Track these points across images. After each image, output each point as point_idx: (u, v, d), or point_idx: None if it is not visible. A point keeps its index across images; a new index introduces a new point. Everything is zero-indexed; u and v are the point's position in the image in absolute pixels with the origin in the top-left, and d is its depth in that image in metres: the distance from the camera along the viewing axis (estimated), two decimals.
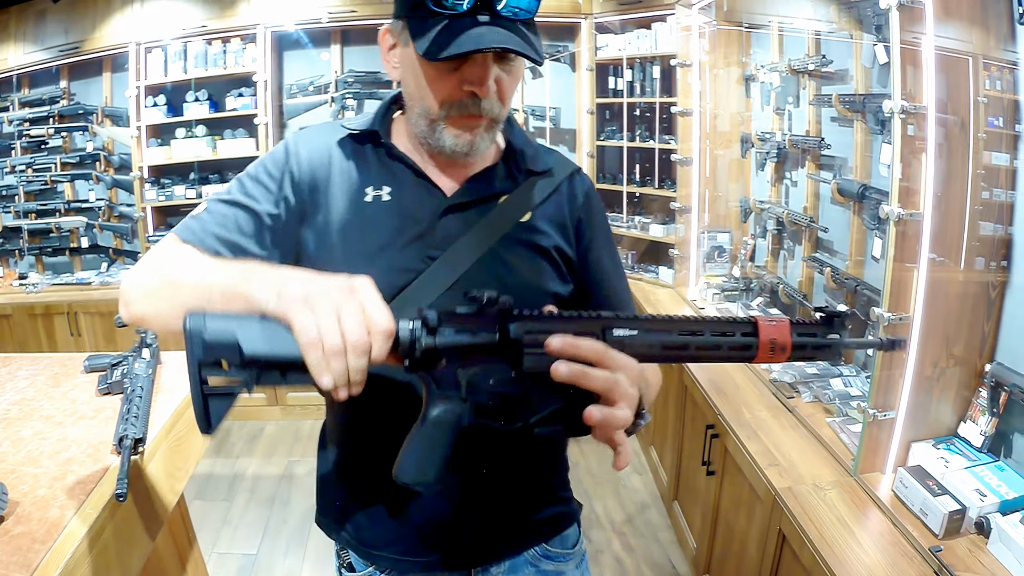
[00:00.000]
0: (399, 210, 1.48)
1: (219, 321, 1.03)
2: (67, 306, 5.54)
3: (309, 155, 1.51)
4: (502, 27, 1.28)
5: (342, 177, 1.50)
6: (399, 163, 1.51)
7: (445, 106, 1.37)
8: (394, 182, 1.50)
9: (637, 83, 5.52)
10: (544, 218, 1.56)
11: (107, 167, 5.88)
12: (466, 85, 1.34)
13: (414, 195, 1.49)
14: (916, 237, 2.34)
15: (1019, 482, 2.27)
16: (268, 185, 1.49)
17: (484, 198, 1.52)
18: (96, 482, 1.72)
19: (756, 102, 4.47)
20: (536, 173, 1.58)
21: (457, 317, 1.11)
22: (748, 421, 3.09)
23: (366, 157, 1.53)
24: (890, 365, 2.45)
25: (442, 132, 1.41)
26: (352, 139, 1.54)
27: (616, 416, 1.09)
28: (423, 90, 1.38)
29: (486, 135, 1.43)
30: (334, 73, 5.81)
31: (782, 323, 1.16)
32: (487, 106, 1.37)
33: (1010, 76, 2.32)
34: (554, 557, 1.73)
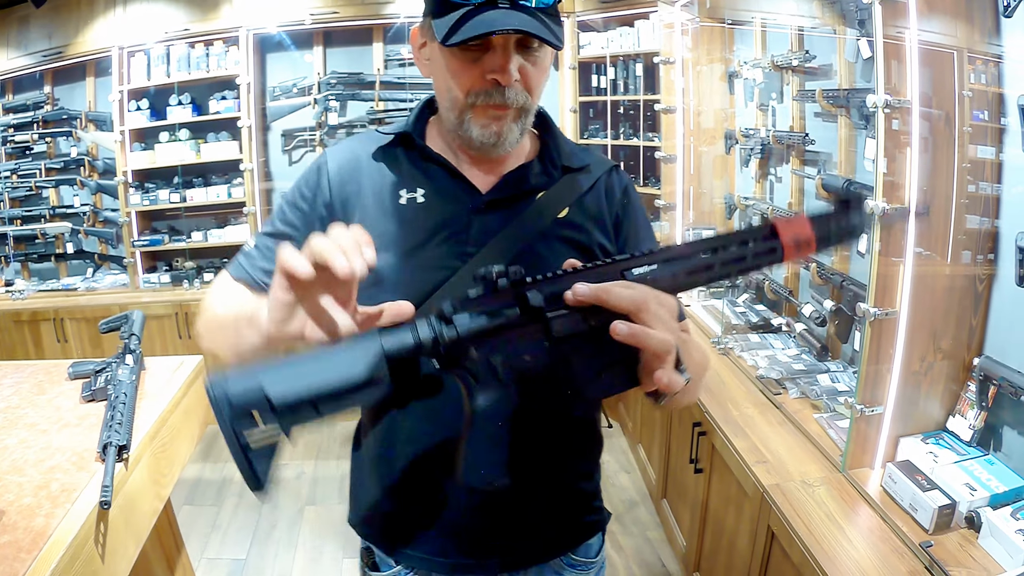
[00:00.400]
0: (434, 210, 1.50)
1: (241, 376, 0.97)
2: (53, 312, 5.51)
3: (339, 169, 1.54)
4: (521, 13, 1.30)
5: (373, 184, 1.52)
6: (433, 164, 1.53)
7: (471, 96, 1.39)
8: (428, 183, 1.52)
9: (620, 81, 5.53)
10: (582, 214, 1.57)
11: (91, 172, 5.84)
12: (488, 74, 1.36)
13: (449, 194, 1.51)
14: (901, 232, 2.33)
15: (1009, 476, 2.27)
16: (303, 208, 1.54)
17: (520, 195, 1.54)
18: (81, 490, 1.71)
19: (740, 98, 4.47)
20: (573, 170, 1.59)
21: (472, 301, 1.06)
22: (735, 418, 3.09)
23: (398, 160, 1.55)
24: (877, 360, 2.44)
25: (469, 123, 1.42)
26: (385, 144, 1.57)
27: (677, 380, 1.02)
28: (449, 81, 1.40)
29: (514, 126, 1.43)
30: (317, 75, 5.78)
31: (799, 219, 1.13)
32: (511, 95, 1.38)
33: (995, 69, 2.32)
34: (577, 566, 1.74)
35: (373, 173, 1.54)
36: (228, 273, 1.57)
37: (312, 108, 5.75)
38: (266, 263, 1.51)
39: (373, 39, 5.75)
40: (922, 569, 2.09)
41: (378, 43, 5.75)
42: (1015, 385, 2.22)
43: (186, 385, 2.38)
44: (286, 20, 5.52)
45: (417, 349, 1.03)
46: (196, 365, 2.51)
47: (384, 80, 5.73)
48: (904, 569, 2.10)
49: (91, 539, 1.62)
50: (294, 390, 0.96)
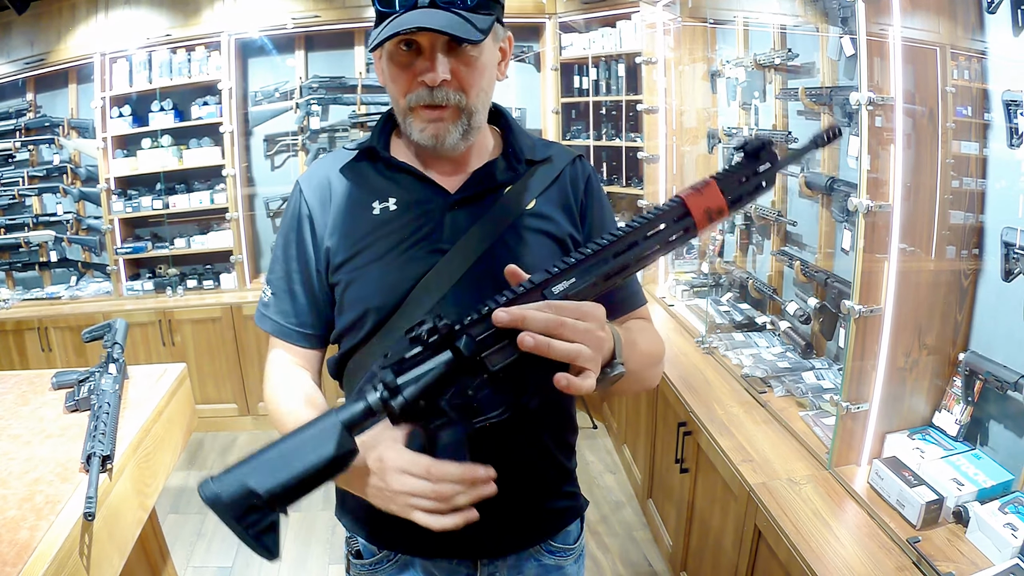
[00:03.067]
0: (407, 215, 1.56)
1: (227, 479, 1.07)
2: (37, 321, 5.46)
3: (312, 193, 1.62)
4: (437, 14, 1.36)
5: (345, 201, 1.59)
6: (400, 172, 1.60)
7: (408, 98, 1.45)
8: (398, 191, 1.58)
9: (602, 82, 5.53)
10: (550, 204, 1.62)
11: (74, 179, 5.79)
12: (418, 76, 1.42)
13: (418, 198, 1.57)
14: (886, 228, 2.34)
15: (996, 470, 2.27)
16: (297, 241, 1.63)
17: (487, 191, 1.59)
18: (65, 501, 1.70)
19: (722, 97, 4.47)
20: (536, 162, 1.65)
21: (411, 360, 1.13)
22: (720, 417, 3.08)
23: (366, 174, 1.62)
24: (862, 357, 2.45)
25: (411, 126, 1.49)
26: (352, 160, 1.64)
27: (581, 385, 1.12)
28: (390, 86, 1.49)
29: (452, 127, 1.48)
30: (299, 79, 5.75)
31: (708, 186, 1.15)
32: (441, 95, 1.43)
33: (978, 65, 2.33)
34: (556, 552, 1.77)
35: (344, 190, 1.61)
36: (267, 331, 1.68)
37: (294, 112, 5.72)
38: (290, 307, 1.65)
39: (355, 43, 5.73)
40: (910, 565, 2.09)
41: (359, 47, 5.72)
42: (1001, 379, 2.23)
43: (169, 394, 2.37)
44: (268, 24, 5.49)
45: (369, 414, 1.12)
46: (179, 373, 2.50)
47: (366, 84, 5.70)
48: (892, 565, 2.10)
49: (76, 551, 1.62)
50: (278, 481, 1.07)
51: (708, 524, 3.08)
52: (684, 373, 3.57)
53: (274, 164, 5.98)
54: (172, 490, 4.81)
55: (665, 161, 4.95)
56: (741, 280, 4.13)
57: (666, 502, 3.81)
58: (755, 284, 3.96)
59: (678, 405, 3.35)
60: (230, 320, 5.49)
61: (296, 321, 1.64)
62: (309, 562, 4.00)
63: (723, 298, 4.33)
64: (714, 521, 3.00)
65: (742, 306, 4.16)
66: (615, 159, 5.60)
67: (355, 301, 1.56)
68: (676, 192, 1.16)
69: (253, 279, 5.89)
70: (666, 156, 4.94)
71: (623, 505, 4.46)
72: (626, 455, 4.73)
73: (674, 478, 3.48)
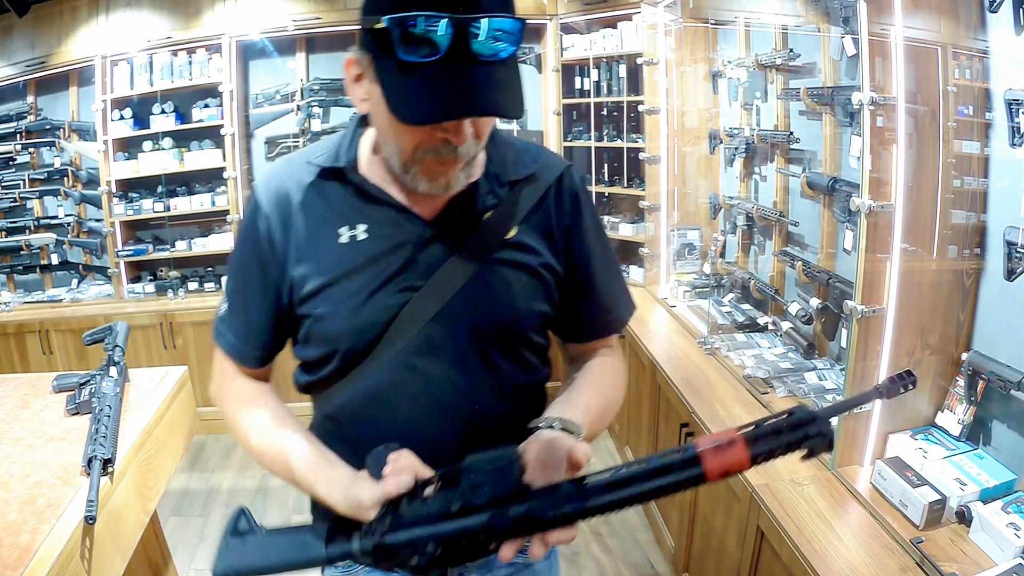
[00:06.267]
0: (378, 247, 1.42)
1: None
2: (38, 324, 5.46)
3: (271, 207, 1.47)
4: (479, 75, 1.17)
5: (309, 222, 1.45)
6: (372, 196, 1.44)
7: (419, 151, 1.29)
8: (369, 218, 1.44)
9: (604, 83, 5.52)
10: (530, 231, 1.50)
11: (75, 182, 5.79)
12: (440, 133, 1.26)
13: (391, 228, 1.43)
14: (888, 228, 2.33)
15: (999, 470, 2.27)
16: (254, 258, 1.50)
17: (466, 220, 1.45)
18: (66, 505, 1.70)
19: (724, 98, 4.47)
20: (520, 181, 1.50)
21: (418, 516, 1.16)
22: (723, 418, 3.08)
23: (333, 194, 1.46)
24: (864, 357, 2.44)
25: (415, 176, 1.34)
26: (318, 176, 1.47)
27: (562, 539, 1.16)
28: (393, 134, 1.31)
29: (461, 174, 1.35)
30: (300, 81, 5.75)
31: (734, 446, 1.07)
32: (463, 151, 1.28)
33: (979, 64, 2.33)
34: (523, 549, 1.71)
35: (306, 210, 1.46)
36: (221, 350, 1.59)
37: (295, 115, 5.72)
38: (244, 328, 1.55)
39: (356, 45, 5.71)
40: (913, 565, 2.08)
41: None
42: (1004, 379, 2.22)
43: (171, 396, 2.37)
44: (269, 27, 5.49)
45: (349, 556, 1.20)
46: (180, 376, 2.50)
47: None
48: (895, 565, 2.10)
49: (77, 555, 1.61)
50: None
51: (711, 525, 3.08)
52: (686, 374, 3.56)
53: None
54: (174, 493, 4.81)
55: (667, 162, 4.94)
56: (743, 281, 4.13)
57: (668, 503, 3.81)
58: (757, 285, 3.95)
59: (680, 406, 3.35)
60: None
61: (251, 342, 1.55)
62: None
63: (725, 299, 4.32)
64: (717, 522, 2.99)
65: (744, 307, 4.15)
66: (616, 160, 5.59)
67: (323, 339, 1.47)
68: (697, 442, 1.09)
69: None
70: (668, 157, 4.94)
71: None
72: (628, 456, 4.72)
73: None
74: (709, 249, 4.73)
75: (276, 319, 1.52)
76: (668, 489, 1.08)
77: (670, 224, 5.03)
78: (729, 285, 4.38)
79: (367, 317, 1.41)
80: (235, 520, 1.27)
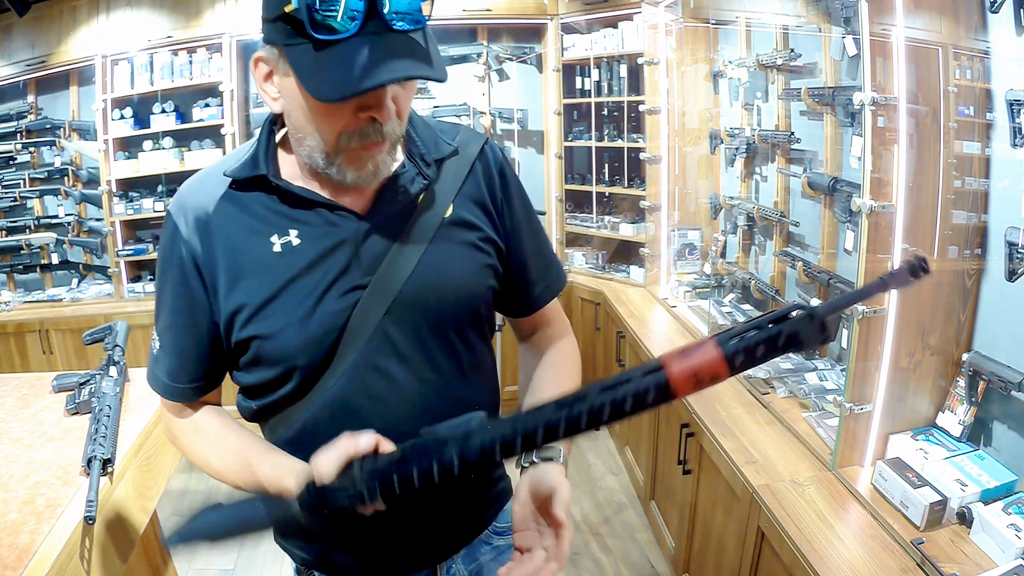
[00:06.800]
0: (315, 250, 1.38)
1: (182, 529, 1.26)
2: (39, 323, 5.46)
3: (190, 231, 1.40)
4: (395, 44, 1.16)
5: (233, 239, 1.39)
6: (299, 199, 1.39)
7: (343, 138, 1.26)
8: (299, 222, 1.39)
9: (604, 82, 5.51)
10: (466, 207, 1.50)
11: (75, 182, 5.78)
12: (363, 112, 1.24)
13: (325, 228, 1.39)
14: (889, 229, 2.33)
15: (1000, 470, 2.26)
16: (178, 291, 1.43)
17: (402, 207, 1.43)
18: (66, 505, 1.70)
19: (724, 98, 4.47)
20: (444, 158, 1.49)
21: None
22: (723, 418, 3.08)
23: (255, 204, 1.41)
24: (865, 357, 2.44)
25: (341, 167, 1.30)
26: (235, 187, 1.41)
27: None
28: (313, 124, 1.27)
29: (388, 157, 1.32)
30: None
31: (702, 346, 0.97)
32: (388, 129, 1.27)
33: (980, 65, 2.33)
34: (504, 533, 1.74)
35: (229, 226, 1.39)
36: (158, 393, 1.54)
37: None
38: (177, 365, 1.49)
39: None
40: (914, 566, 2.08)
41: None
42: (1005, 380, 2.22)
43: None
44: None
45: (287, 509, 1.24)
46: None
47: None
48: (896, 566, 2.10)
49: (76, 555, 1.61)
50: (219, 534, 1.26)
51: (711, 526, 3.07)
52: None
53: None
54: (174, 492, 4.81)
55: (667, 162, 4.94)
56: (743, 281, 4.12)
57: (668, 504, 3.81)
58: (757, 285, 3.95)
59: (680, 406, 3.34)
60: None
61: (185, 377, 1.48)
62: None
63: (725, 299, 4.32)
64: (717, 523, 2.99)
65: (745, 307, 4.15)
66: (617, 160, 5.59)
67: (275, 359, 1.40)
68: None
69: None
70: (668, 157, 4.94)
71: (625, 507, 4.45)
72: (628, 456, 4.72)
73: (676, 479, 3.47)
74: (710, 249, 4.73)
75: (211, 348, 1.45)
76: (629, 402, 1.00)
77: (671, 224, 5.02)
78: (730, 285, 4.37)
79: (319, 326, 1.36)
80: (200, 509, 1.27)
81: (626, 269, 5.51)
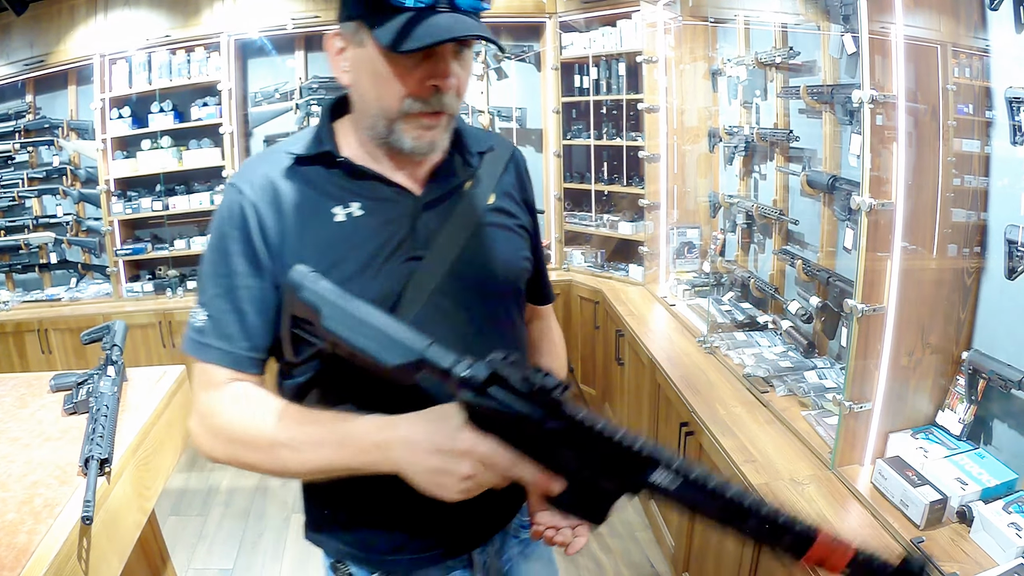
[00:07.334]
0: (377, 220, 1.47)
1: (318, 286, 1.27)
2: (37, 323, 5.46)
3: (258, 199, 1.46)
4: (461, 16, 1.30)
5: (299, 208, 1.46)
6: (360, 174, 1.49)
7: (408, 102, 1.36)
8: (361, 195, 1.48)
9: (603, 81, 5.51)
10: (505, 196, 1.65)
11: (74, 181, 5.79)
12: (430, 80, 1.34)
13: (386, 202, 1.49)
14: (888, 227, 2.33)
15: (1000, 469, 2.26)
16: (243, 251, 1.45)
17: (451, 190, 1.56)
18: (63, 505, 1.69)
19: (723, 96, 4.47)
20: (484, 152, 1.65)
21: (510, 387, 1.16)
22: (722, 418, 3.07)
23: (318, 178, 1.49)
24: (865, 356, 2.44)
25: (400, 133, 1.40)
26: (296, 164, 1.49)
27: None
28: (382, 88, 1.37)
29: (443, 132, 1.44)
30: (298, 80, 5.75)
31: (845, 548, 1.06)
32: (448, 100, 1.38)
33: (979, 63, 2.32)
34: (526, 525, 1.74)
35: (295, 195, 1.47)
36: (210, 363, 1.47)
37: (294, 113, 5.71)
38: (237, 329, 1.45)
39: None
40: None
41: None
42: (1005, 378, 2.22)
43: (169, 395, 2.36)
44: (268, 25, 5.49)
45: (444, 376, 1.19)
46: (178, 375, 2.49)
47: None
48: None
49: (74, 555, 1.61)
50: (339, 334, 1.22)
51: None
52: (686, 373, 3.56)
53: None
54: (173, 492, 4.82)
55: (666, 160, 4.94)
56: (743, 279, 4.12)
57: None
58: (757, 283, 3.95)
59: (680, 405, 3.34)
60: None
61: (247, 345, 1.46)
62: (310, 563, 3.99)
63: (725, 297, 4.32)
64: None
65: (744, 305, 4.15)
66: (616, 158, 5.59)
67: None
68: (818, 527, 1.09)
69: None
70: (667, 155, 4.93)
71: (625, 506, 4.43)
72: None
73: None
74: (709, 248, 4.72)
75: (270, 314, 1.46)
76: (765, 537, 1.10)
77: (669, 222, 5.02)
78: (729, 284, 4.37)
79: (381, 287, 1.43)
80: None
81: (625, 268, 5.50)
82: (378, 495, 1.52)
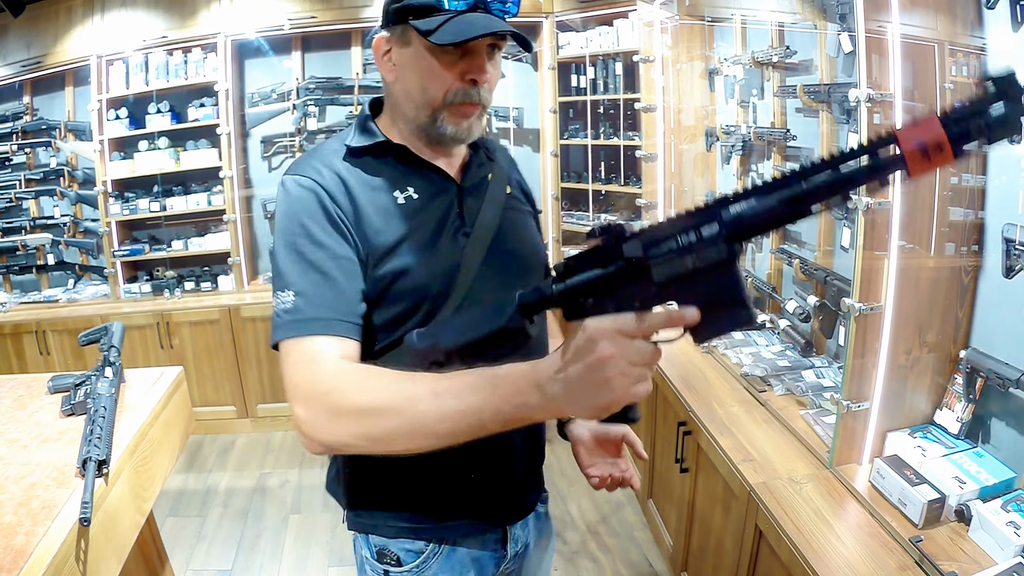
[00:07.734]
0: (430, 203, 1.64)
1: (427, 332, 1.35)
2: (35, 324, 5.46)
3: (328, 182, 1.57)
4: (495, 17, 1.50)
5: (365, 192, 1.59)
6: (411, 162, 1.65)
7: (449, 94, 1.53)
8: (414, 180, 1.65)
9: (600, 80, 5.52)
10: (516, 188, 1.87)
11: (71, 182, 5.78)
12: (467, 74, 1.52)
13: (436, 187, 1.66)
14: (885, 226, 2.33)
15: (998, 468, 2.26)
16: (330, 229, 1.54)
17: (482, 179, 1.75)
18: (61, 506, 1.68)
19: (720, 95, 4.46)
20: (494, 152, 1.85)
21: (581, 257, 1.21)
22: (720, 417, 3.08)
23: (374, 166, 1.63)
24: (862, 355, 2.44)
25: (443, 122, 1.57)
26: (350, 155, 1.63)
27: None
28: (428, 81, 1.54)
29: (477, 122, 1.61)
30: (295, 80, 5.75)
31: (927, 120, 0.97)
32: (484, 94, 1.57)
33: (976, 61, 2.32)
34: (544, 500, 1.99)
35: (360, 181, 1.60)
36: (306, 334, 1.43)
37: (291, 114, 5.71)
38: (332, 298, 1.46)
39: (351, 43, 5.72)
40: (912, 564, 2.08)
41: (356, 47, 5.71)
42: (1003, 377, 2.22)
43: (166, 397, 2.35)
44: (264, 26, 5.49)
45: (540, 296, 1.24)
46: (176, 376, 2.48)
47: (363, 84, 5.69)
48: (894, 564, 2.10)
49: (72, 557, 1.60)
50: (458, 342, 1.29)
51: (709, 524, 3.07)
52: (683, 372, 3.56)
53: (271, 165, 5.99)
54: (171, 493, 4.81)
55: (663, 159, 4.93)
56: None
57: (666, 502, 3.80)
58: (754, 282, 3.95)
59: (678, 404, 3.34)
60: (228, 322, 5.49)
61: (346, 310, 1.47)
62: (309, 564, 4.00)
63: None
64: (715, 521, 2.99)
65: None
66: (613, 158, 5.59)
67: (408, 291, 1.57)
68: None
69: (251, 281, 5.89)
70: (664, 155, 4.92)
71: (623, 505, 4.45)
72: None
73: (674, 478, 3.47)
74: None
75: (359, 282, 1.53)
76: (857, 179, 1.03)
77: None
78: None
79: (443, 261, 1.60)
80: None
81: None
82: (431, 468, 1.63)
